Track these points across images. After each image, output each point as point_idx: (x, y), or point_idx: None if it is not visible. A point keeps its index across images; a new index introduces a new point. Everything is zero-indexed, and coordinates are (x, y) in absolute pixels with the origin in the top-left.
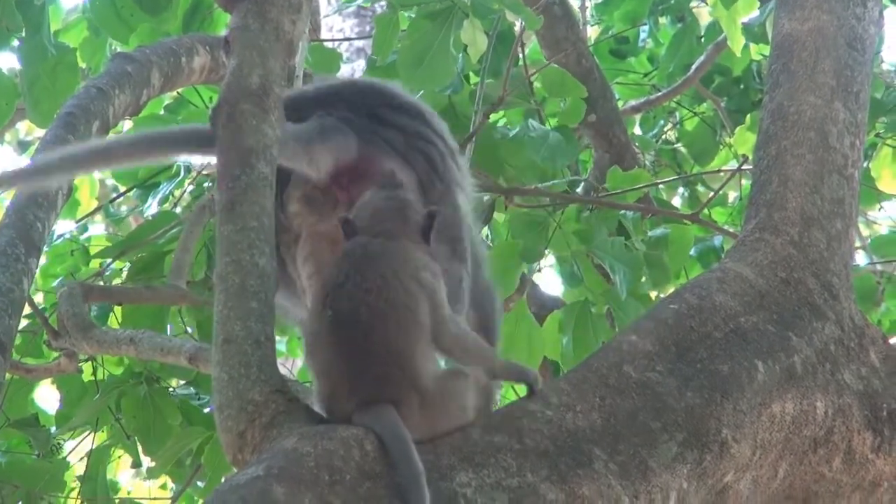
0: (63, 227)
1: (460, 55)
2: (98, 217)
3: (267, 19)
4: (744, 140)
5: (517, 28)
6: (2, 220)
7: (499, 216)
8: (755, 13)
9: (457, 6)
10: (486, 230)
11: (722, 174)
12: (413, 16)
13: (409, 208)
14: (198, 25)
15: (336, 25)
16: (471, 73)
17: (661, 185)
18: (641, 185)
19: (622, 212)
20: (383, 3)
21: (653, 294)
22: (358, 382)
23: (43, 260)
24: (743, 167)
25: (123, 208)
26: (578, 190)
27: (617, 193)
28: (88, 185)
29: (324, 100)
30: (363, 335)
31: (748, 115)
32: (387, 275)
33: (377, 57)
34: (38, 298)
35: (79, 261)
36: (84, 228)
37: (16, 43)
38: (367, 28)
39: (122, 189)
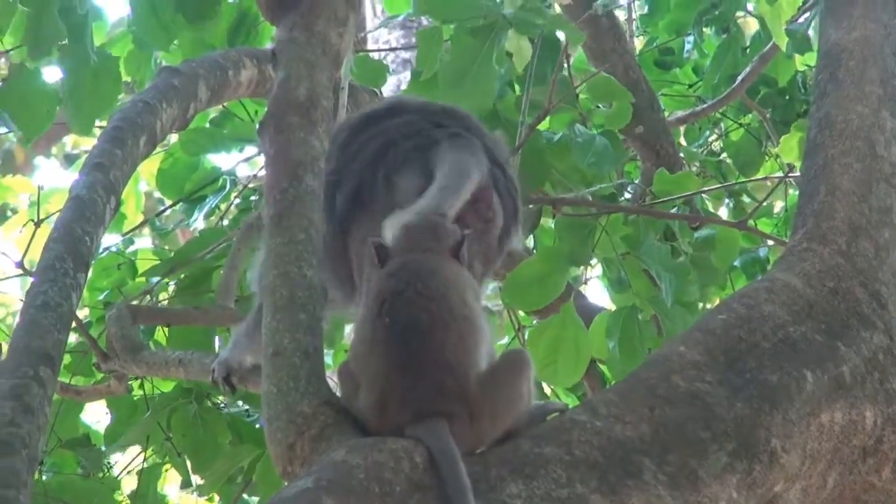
0: (109, 240)
1: (505, 65)
2: (144, 230)
3: (314, 32)
4: (789, 149)
5: (562, 39)
6: (50, 233)
7: (544, 221)
8: (799, 19)
9: (499, 21)
10: (530, 238)
11: (769, 183)
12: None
13: (440, 228)
14: (243, 39)
15: (382, 37)
16: (515, 84)
17: (706, 196)
18: (689, 193)
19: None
20: (428, 16)
21: (700, 303)
22: (411, 393)
23: (89, 274)
24: (788, 176)
25: (170, 222)
26: (627, 195)
27: (664, 201)
28: (134, 199)
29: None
30: (421, 343)
31: (793, 125)
32: (448, 285)
33: (422, 70)
34: (84, 313)
35: (125, 275)
36: (130, 242)
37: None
38: (413, 40)
39: (168, 202)
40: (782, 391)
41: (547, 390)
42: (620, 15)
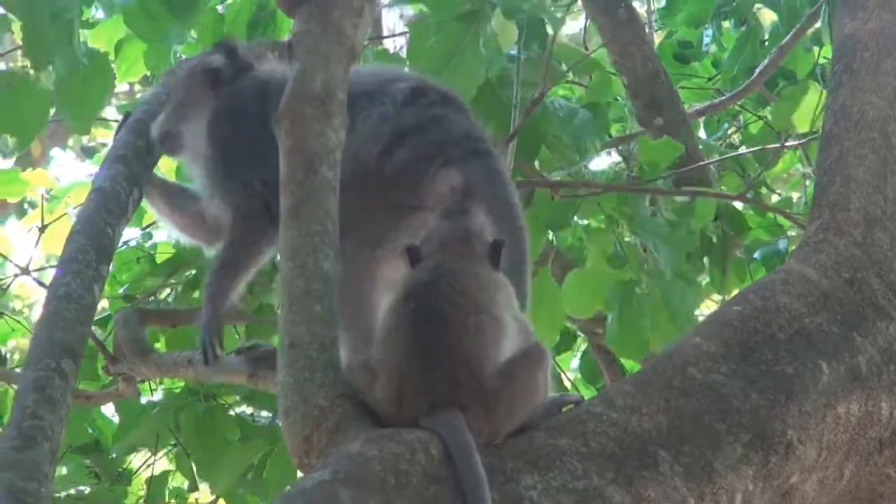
0: (128, 234)
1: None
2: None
3: (329, 23)
4: (779, 114)
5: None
6: (73, 225)
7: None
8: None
9: (485, 7)
10: None
11: (786, 177)
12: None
13: (473, 237)
14: (262, 31)
15: (398, 28)
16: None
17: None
18: (681, 168)
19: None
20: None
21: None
22: (429, 382)
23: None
24: (786, 145)
25: None
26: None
27: (656, 179)
28: None
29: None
30: (441, 333)
31: (784, 91)
32: (479, 284)
33: (412, 63)
34: (104, 304)
35: (145, 268)
36: (149, 236)
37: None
38: None
39: None
40: (798, 382)
41: (567, 384)
42: (639, 7)
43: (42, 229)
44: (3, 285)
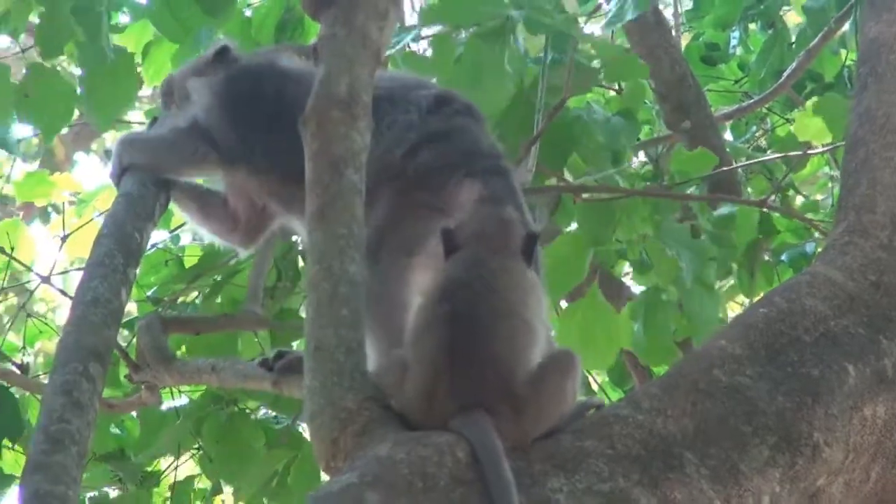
0: (156, 237)
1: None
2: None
3: (354, 27)
4: (804, 127)
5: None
6: (100, 229)
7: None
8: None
9: (508, 24)
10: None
11: (813, 180)
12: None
13: (509, 228)
14: (289, 35)
15: (423, 31)
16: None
17: (751, 190)
18: (710, 173)
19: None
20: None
21: (717, 283)
22: (460, 384)
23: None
24: (808, 153)
25: None
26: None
27: (683, 182)
28: None
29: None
30: (475, 334)
31: (809, 102)
32: (513, 285)
33: (436, 77)
34: (132, 307)
35: (173, 271)
36: (177, 239)
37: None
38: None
39: None
40: (824, 385)
41: (594, 386)
42: (665, 10)
43: (65, 238)
44: (27, 289)
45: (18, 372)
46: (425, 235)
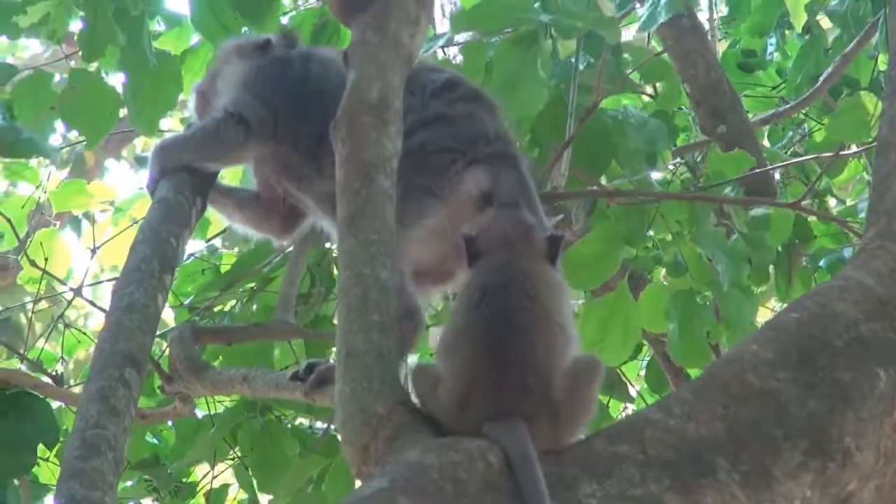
0: (193, 246)
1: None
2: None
3: (385, 33)
4: (837, 127)
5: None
6: (136, 235)
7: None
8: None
9: (540, 29)
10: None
11: (850, 186)
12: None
13: (533, 231)
14: (325, 42)
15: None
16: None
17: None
18: (743, 175)
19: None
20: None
21: (754, 287)
22: (498, 390)
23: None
24: (839, 154)
25: None
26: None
27: (718, 184)
28: None
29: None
30: (516, 341)
31: (840, 103)
32: (548, 290)
33: None
34: (168, 314)
35: (209, 279)
36: (213, 248)
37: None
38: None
39: None
40: (855, 389)
41: (632, 392)
42: (702, 16)
43: (96, 249)
44: (60, 300)
45: (52, 383)
46: (420, 213)
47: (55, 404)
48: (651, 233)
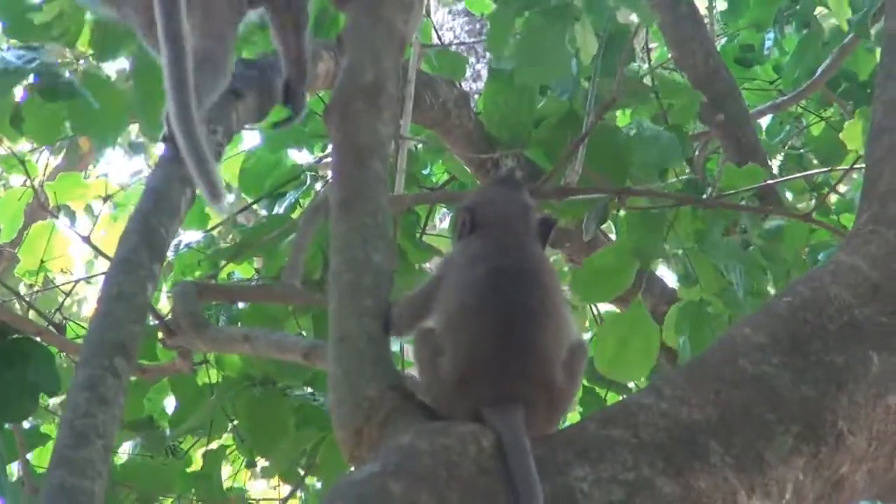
0: (191, 237)
1: (573, 59)
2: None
3: (379, 18)
4: (854, 135)
5: (633, 20)
6: (127, 224)
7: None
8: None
9: (570, 4)
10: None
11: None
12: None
13: (530, 212)
14: (325, 32)
15: (446, 24)
16: (581, 80)
17: (788, 192)
18: (757, 185)
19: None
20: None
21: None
22: (500, 374)
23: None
24: (854, 167)
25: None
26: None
27: (733, 193)
28: None
29: None
30: (528, 326)
31: (857, 111)
32: (551, 276)
33: (492, 54)
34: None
35: (206, 270)
36: (211, 239)
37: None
38: (478, 26)
39: (249, 200)
40: (848, 373)
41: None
42: (701, 8)
43: (87, 238)
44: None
45: (55, 332)
46: None
47: None
48: (666, 246)
